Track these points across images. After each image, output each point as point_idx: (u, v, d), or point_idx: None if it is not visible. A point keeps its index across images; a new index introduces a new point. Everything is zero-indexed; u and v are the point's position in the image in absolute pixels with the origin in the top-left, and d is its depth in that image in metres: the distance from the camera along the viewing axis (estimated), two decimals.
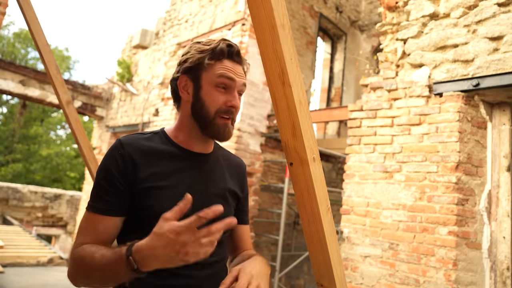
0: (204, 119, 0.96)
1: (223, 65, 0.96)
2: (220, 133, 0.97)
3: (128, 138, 0.97)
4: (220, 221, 0.73)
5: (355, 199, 3.17)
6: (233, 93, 0.97)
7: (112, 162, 0.92)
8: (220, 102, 0.95)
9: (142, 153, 0.95)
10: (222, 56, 0.97)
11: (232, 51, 0.98)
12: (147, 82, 6.51)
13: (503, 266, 2.57)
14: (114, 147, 0.95)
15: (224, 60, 0.97)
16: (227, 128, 0.97)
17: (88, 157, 2.20)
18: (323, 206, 0.80)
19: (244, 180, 1.15)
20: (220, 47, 0.96)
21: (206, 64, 0.96)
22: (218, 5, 5.30)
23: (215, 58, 0.96)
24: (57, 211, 11.11)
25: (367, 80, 3.36)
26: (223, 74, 0.95)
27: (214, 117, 0.95)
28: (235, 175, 1.10)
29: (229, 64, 0.97)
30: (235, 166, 1.12)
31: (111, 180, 0.91)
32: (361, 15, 7.80)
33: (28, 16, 2.11)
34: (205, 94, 0.96)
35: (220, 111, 0.95)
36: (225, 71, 0.96)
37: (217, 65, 0.96)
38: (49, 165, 17.85)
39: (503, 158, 2.70)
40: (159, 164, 0.95)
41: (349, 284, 3.02)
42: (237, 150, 4.45)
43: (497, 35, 2.56)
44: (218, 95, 0.96)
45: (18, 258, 5.53)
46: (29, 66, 13.51)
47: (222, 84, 0.96)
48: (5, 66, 6.21)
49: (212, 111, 0.95)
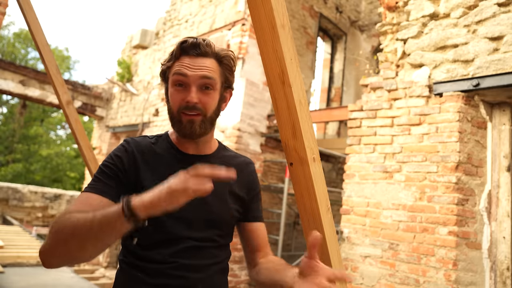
0: (172, 119, 0.98)
1: (180, 62, 0.96)
2: (186, 130, 0.95)
3: (134, 139, 1.01)
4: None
5: (355, 199, 3.17)
6: (189, 88, 0.94)
7: (117, 156, 0.95)
8: (178, 100, 0.95)
9: (145, 155, 0.97)
10: (178, 54, 0.96)
11: (185, 46, 0.96)
12: (147, 82, 6.51)
13: (503, 266, 2.57)
14: (121, 145, 0.99)
15: (181, 57, 0.96)
16: (193, 124, 0.95)
17: (88, 157, 2.20)
18: (323, 206, 0.80)
19: (252, 178, 1.12)
20: (178, 45, 0.97)
21: (166, 67, 0.99)
22: (218, 5, 5.30)
23: (173, 59, 0.97)
24: (57, 211, 11.10)
25: (367, 80, 3.36)
26: (177, 71, 0.95)
27: (178, 115, 0.96)
28: (240, 175, 1.06)
29: (186, 60, 0.95)
30: (239, 166, 1.08)
31: (114, 171, 0.93)
32: (361, 15, 7.80)
33: (28, 16, 2.11)
34: (170, 95, 0.98)
35: (181, 108, 0.95)
36: (178, 68, 0.95)
37: (175, 64, 0.97)
38: (49, 165, 17.85)
39: (503, 158, 2.70)
40: (158, 166, 0.96)
41: (349, 284, 3.02)
42: (237, 150, 4.45)
43: (497, 35, 2.56)
44: (176, 94, 0.96)
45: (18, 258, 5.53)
46: (29, 66, 13.51)
47: (177, 82, 0.95)
48: (5, 66, 6.21)
49: (175, 110, 0.96)
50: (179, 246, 0.92)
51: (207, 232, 0.96)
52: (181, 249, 0.92)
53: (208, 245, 0.96)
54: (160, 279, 0.90)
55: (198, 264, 0.94)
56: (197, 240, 0.94)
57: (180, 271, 0.91)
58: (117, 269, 0.98)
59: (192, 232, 0.94)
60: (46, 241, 0.78)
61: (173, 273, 0.90)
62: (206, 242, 0.96)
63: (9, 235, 7.11)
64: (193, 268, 0.93)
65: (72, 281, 4.04)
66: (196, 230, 0.94)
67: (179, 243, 0.92)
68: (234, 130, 4.50)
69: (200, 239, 0.95)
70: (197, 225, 0.95)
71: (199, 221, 0.95)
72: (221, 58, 0.99)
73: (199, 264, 0.93)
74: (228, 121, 4.58)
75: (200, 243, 0.94)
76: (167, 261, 0.90)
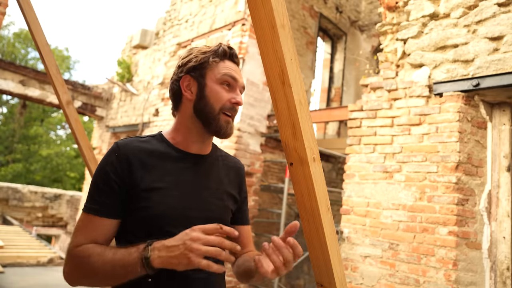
0: (208, 116, 0.98)
1: (226, 65, 1.01)
2: (223, 129, 0.99)
3: (124, 141, 0.98)
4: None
5: (355, 199, 3.17)
6: (237, 91, 1.01)
7: (108, 164, 0.93)
8: (224, 99, 0.99)
9: (138, 155, 0.95)
10: (225, 57, 1.02)
11: (232, 53, 1.03)
12: (147, 82, 6.51)
13: (503, 266, 2.57)
14: (111, 150, 0.96)
15: (226, 60, 1.02)
16: (229, 125, 1.00)
17: (88, 157, 2.20)
18: (323, 206, 0.79)
19: (243, 181, 1.15)
20: (222, 48, 1.02)
21: (211, 62, 1.00)
22: (218, 5, 5.30)
23: (219, 57, 1.01)
24: (57, 211, 11.11)
25: (367, 80, 3.36)
26: (227, 73, 1.00)
27: (218, 114, 0.98)
28: (233, 176, 1.11)
29: (230, 65, 1.02)
30: (233, 168, 1.12)
31: (107, 181, 0.91)
32: (361, 15, 7.80)
33: (28, 16, 2.11)
34: (210, 91, 0.99)
35: (225, 108, 0.98)
36: (229, 70, 1.00)
37: (220, 64, 1.01)
38: (49, 165, 17.85)
39: (503, 158, 2.70)
40: (156, 166, 0.95)
41: (349, 284, 3.02)
42: (237, 150, 4.45)
43: (497, 35, 2.56)
44: (223, 92, 0.99)
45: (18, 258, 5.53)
46: (29, 66, 13.51)
47: (226, 82, 1.00)
48: (5, 66, 6.21)
49: (217, 108, 0.98)
50: None
51: None
52: None
53: None
54: (162, 280, 0.90)
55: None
56: None
57: (183, 271, 0.91)
58: None
59: None
60: (67, 267, 0.89)
61: (176, 274, 0.90)
62: None
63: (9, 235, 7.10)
64: (196, 268, 0.93)
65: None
66: None
67: None
68: (234, 130, 4.50)
69: None
70: (198, 225, 0.95)
71: (200, 221, 0.95)
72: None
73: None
74: None
75: None
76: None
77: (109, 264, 0.83)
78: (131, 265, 0.81)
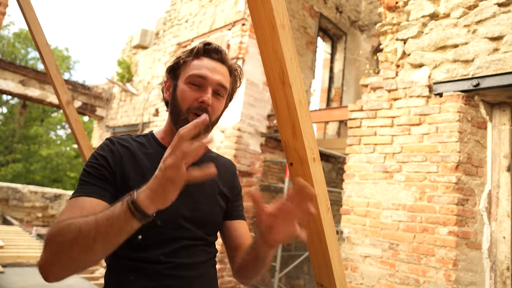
0: (177, 116, 0.96)
1: (199, 63, 0.97)
2: None
3: (117, 137, 0.99)
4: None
5: (355, 199, 3.17)
6: (206, 90, 0.95)
7: (102, 156, 0.92)
8: (191, 99, 0.94)
9: (129, 152, 0.95)
10: (199, 54, 0.98)
11: (209, 48, 0.98)
12: (147, 82, 6.51)
13: (503, 266, 2.57)
14: (103, 143, 0.96)
15: (201, 57, 0.98)
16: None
17: (88, 157, 2.20)
18: (323, 206, 0.80)
19: (234, 178, 1.14)
20: (197, 46, 0.98)
21: (183, 62, 0.98)
22: (218, 5, 5.30)
23: (191, 56, 0.98)
24: (57, 211, 11.10)
25: (367, 80, 3.36)
26: (195, 73, 0.95)
27: (185, 114, 0.94)
28: (223, 175, 1.09)
29: (206, 62, 0.97)
30: (223, 167, 1.11)
31: (98, 169, 0.89)
32: (361, 15, 7.80)
33: (28, 16, 2.12)
34: (179, 92, 0.97)
35: (192, 108, 0.94)
36: (198, 70, 0.95)
37: (193, 63, 0.97)
38: (49, 165, 17.84)
39: (503, 158, 2.70)
40: (144, 165, 0.94)
41: (349, 284, 3.02)
42: (237, 150, 4.45)
43: (497, 35, 2.56)
44: (189, 92, 0.95)
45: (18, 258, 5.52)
46: (29, 66, 13.51)
47: (194, 81, 0.95)
48: (5, 66, 6.21)
49: (184, 108, 0.95)
50: (173, 246, 0.92)
51: (198, 231, 0.96)
52: (176, 248, 0.92)
53: (200, 243, 0.97)
54: (156, 280, 0.89)
55: (194, 262, 0.94)
56: (189, 239, 0.94)
57: (177, 270, 0.91)
58: (105, 273, 0.95)
59: (184, 232, 0.94)
60: (43, 254, 0.73)
61: (169, 273, 0.90)
62: (198, 241, 0.96)
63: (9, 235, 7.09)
64: (189, 267, 0.93)
65: (72, 281, 4.04)
66: (188, 229, 0.94)
67: (172, 243, 0.92)
68: (234, 130, 4.50)
69: (192, 238, 0.95)
70: (189, 225, 0.95)
71: (190, 220, 0.95)
72: (233, 70, 1.02)
73: (194, 262, 0.94)
74: (228, 121, 4.58)
75: (192, 242, 0.95)
76: (163, 261, 0.90)
77: (93, 224, 0.70)
78: (116, 217, 0.68)
